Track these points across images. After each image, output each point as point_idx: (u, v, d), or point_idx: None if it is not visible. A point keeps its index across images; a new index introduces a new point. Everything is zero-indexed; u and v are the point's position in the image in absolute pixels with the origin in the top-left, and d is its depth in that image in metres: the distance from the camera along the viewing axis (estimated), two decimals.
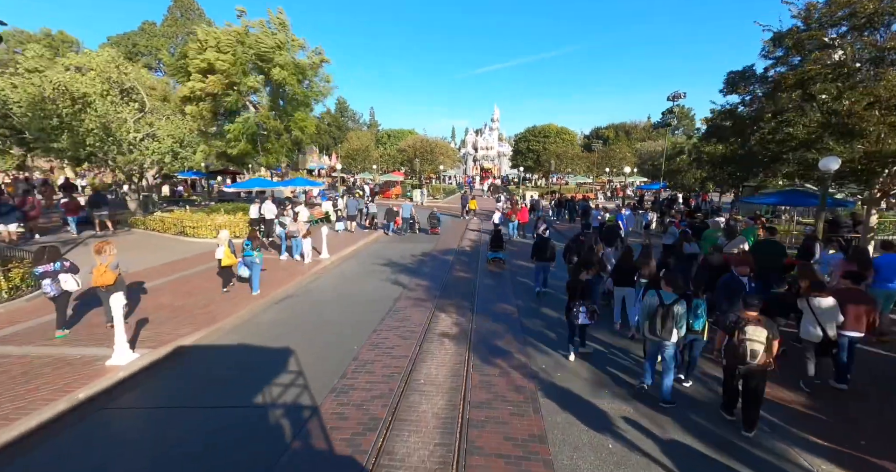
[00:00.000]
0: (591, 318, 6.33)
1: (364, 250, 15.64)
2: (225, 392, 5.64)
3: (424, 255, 14.69)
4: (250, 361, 6.58)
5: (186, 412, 5.20)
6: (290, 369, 6.24)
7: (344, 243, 15.95)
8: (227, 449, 4.49)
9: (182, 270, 11.29)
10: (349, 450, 4.42)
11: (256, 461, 4.28)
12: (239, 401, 5.41)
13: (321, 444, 4.56)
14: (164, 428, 4.89)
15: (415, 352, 6.81)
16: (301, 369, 6.22)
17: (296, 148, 21.16)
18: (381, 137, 79.16)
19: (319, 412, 5.13)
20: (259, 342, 7.17)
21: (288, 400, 5.42)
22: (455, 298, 9.84)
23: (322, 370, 6.16)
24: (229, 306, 8.67)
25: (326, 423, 4.90)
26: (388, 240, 17.96)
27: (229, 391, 5.66)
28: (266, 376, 5.99)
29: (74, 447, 4.50)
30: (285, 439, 4.64)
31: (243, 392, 5.59)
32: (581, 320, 6.29)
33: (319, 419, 4.99)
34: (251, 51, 17.54)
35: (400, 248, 15.87)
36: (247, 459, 4.31)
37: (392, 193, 39.78)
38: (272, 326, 7.95)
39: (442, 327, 7.97)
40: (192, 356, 6.66)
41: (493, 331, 7.84)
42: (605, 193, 40.99)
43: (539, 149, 50.76)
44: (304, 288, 10.49)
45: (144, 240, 15.18)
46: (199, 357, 6.65)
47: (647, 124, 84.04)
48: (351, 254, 14.61)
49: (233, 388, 5.74)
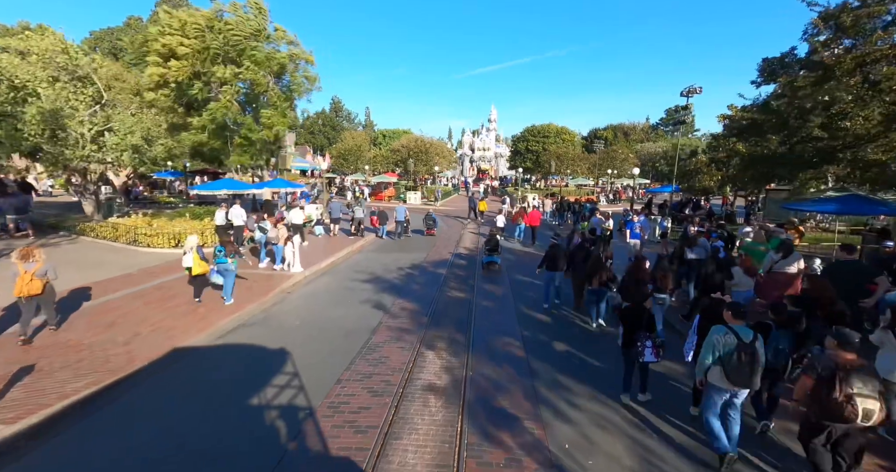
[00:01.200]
0: (657, 354, 5.16)
1: (345, 261, 13.75)
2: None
3: (414, 267, 12.83)
4: (125, 446, 4.54)
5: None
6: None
7: (323, 253, 14.06)
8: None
9: (116, 290, 9.33)
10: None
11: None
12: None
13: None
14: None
15: (387, 420, 4.94)
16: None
17: (270, 148, 19.14)
18: (377, 137, 77.43)
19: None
20: (155, 409, 5.24)
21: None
22: (447, 327, 7.98)
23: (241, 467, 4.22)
24: (156, 341, 6.76)
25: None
26: (376, 248, 16.09)
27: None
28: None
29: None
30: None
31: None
32: (647, 357, 5.11)
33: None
34: (220, 36, 15.62)
35: (387, 258, 14.00)
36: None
37: (385, 195, 37.94)
38: (194, 375, 5.97)
39: (428, 375, 6.11)
40: (60, 438, 4.63)
41: (495, 380, 5.99)
42: (606, 195, 39.26)
43: (538, 149, 48.92)
44: (263, 314, 8.57)
45: (85, 251, 13.13)
46: (66, 441, 4.57)
47: (646, 125, 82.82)
48: (329, 267, 12.71)
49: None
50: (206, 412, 5.08)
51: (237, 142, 17.32)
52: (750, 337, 4.11)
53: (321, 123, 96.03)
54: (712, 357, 4.17)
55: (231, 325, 7.82)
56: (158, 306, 8.35)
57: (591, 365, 6.61)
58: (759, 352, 4.07)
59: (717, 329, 4.25)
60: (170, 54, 15.18)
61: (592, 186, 43.85)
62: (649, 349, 5.10)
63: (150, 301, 8.58)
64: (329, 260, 13.16)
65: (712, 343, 4.18)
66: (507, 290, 10.63)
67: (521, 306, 9.41)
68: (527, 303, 9.57)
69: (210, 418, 4.95)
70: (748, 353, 4.01)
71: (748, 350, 4.02)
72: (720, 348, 4.11)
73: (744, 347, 4.03)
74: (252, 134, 16.97)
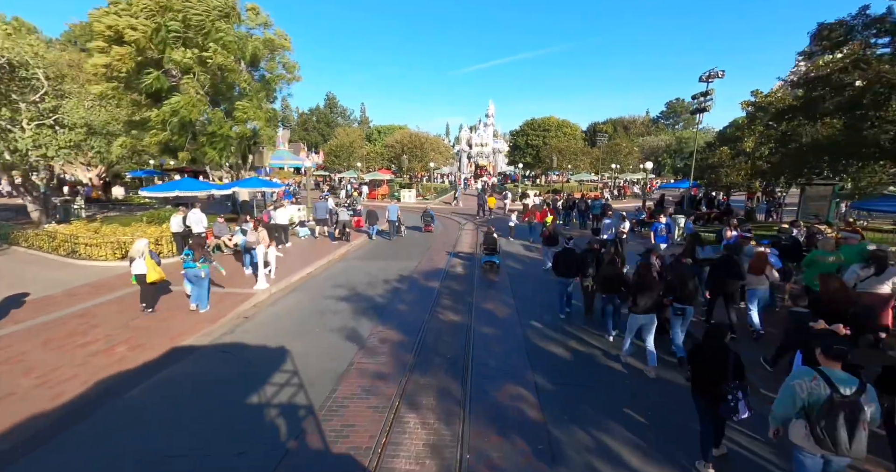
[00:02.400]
0: (750, 407, 3.87)
1: (325, 271, 11.86)
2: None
3: (402, 279, 10.95)
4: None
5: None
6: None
7: (301, 261, 12.18)
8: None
9: (18, 321, 7.41)
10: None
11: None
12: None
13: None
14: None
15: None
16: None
17: (245, 144, 17.08)
18: (371, 133, 75.34)
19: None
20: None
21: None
22: (437, 369, 6.12)
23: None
24: (29, 406, 4.87)
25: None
26: (362, 254, 14.21)
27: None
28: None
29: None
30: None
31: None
32: (742, 412, 3.82)
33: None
34: (179, 15, 13.56)
35: (372, 268, 12.11)
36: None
37: (378, 194, 35.96)
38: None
39: (406, 464, 4.23)
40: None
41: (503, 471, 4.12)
42: (611, 191, 37.35)
43: (539, 144, 46.66)
44: (198, 355, 6.65)
45: (11, 265, 11.23)
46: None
47: (647, 119, 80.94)
48: (303, 280, 10.82)
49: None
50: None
51: (201, 140, 15.23)
52: (853, 387, 3.00)
53: (315, 119, 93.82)
54: (792, 407, 3.16)
55: (156, 365, 5.93)
56: (61, 347, 6.43)
57: (636, 423, 4.78)
58: (864, 411, 2.93)
59: (804, 372, 3.22)
60: (117, 38, 13.09)
61: (598, 183, 41.81)
62: (742, 402, 3.82)
63: (54, 338, 6.66)
64: (305, 271, 11.28)
65: (792, 391, 3.14)
66: (512, 309, 8.75)
67: (530, 331, 7.56)
68: (536, 325, 7.73)
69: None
70: (848, 412, 2.90)
71: (848, 407, 2.91)
72: (803, 397, 3.09)
73: (840, 401, 2.93)
74: (222, 130, 14.93)
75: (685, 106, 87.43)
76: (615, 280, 7.03)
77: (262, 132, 16.59)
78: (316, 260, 12.43)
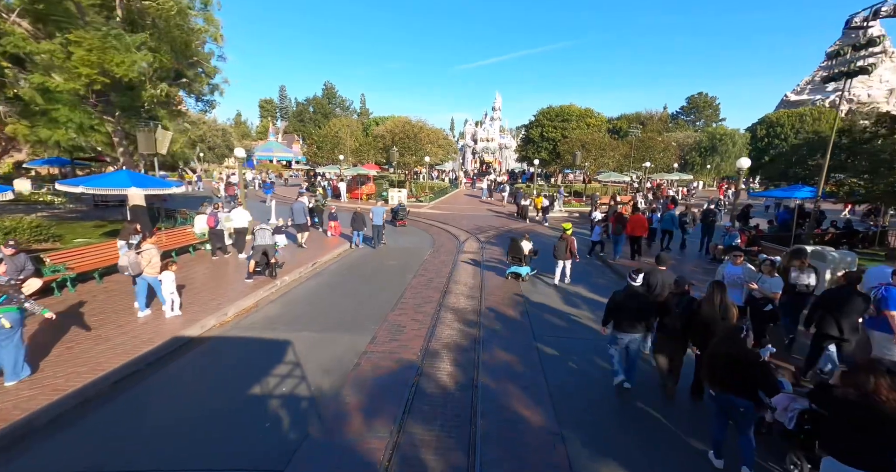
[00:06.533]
0: None
1: (248, 319, 5.73)
2: None
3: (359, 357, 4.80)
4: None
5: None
6: None
7: (230, 296, 6.06)
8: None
9: None
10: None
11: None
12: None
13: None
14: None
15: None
16: None
17: (118, 112, 10.71)
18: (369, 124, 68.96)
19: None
20: None
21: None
22: None
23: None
24: None
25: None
26: (284, 312, 8.04)
27: None
28: None
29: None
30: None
31: None
32: None
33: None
34: None
35: (266, 363, 5.96)
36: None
37: (362, 193, 29.63)
38: None
39: None
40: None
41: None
42: (644, 196, 30.81)
43: (556, 137, 39.97)
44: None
45: None
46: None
47: (664, 115, 74.01)
48: (202, 345, 4.68)
49: None
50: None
51: (27, 95, 8.96)
52: None
53: (312, 109, 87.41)
54: None
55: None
56: None
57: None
58: None
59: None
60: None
61: (634, 183, 34.77)
62: None
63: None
64: (225, 316, 5.14)
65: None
66: None
67: None
68: None
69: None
70: None
71: None
72: None
73: None
74: (46, 80, 8.64)
75: (708, 101, 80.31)
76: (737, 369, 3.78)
77: (144, 95, 10.23)
78: (246, 295, 6.27)
